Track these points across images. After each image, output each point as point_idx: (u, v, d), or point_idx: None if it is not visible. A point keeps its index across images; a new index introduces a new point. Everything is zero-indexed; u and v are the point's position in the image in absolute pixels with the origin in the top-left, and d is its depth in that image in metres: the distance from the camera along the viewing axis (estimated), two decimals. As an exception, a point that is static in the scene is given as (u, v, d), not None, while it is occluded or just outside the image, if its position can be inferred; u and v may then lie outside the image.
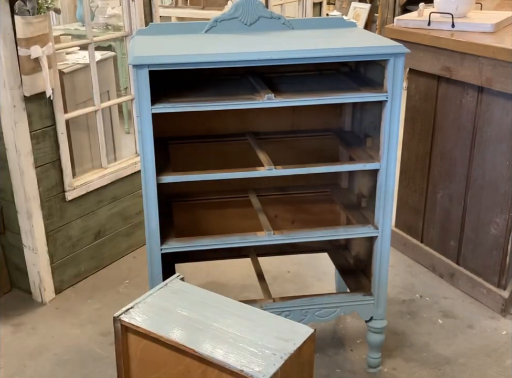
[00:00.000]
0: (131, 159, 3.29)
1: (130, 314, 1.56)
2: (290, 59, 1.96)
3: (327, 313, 2.31)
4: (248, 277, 3.06)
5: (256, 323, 1.53)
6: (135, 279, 3.11)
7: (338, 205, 2.59)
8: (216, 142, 2.51)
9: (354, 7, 7.51)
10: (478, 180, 2.81)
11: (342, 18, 2.45)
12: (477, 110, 2.75)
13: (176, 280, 1.73)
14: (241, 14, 2.22)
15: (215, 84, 2.24)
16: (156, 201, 2.04)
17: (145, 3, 3.11)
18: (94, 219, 3.09)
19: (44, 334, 2.71)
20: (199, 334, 1.48)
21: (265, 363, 1.38)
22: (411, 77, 3.08)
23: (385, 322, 2.38)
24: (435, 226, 3.11)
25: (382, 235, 2.23)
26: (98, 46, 3.95)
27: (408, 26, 2.96)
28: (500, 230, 2.74)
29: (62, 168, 2.84)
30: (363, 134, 2.41)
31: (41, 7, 2.48)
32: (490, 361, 2.53)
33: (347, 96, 2.08)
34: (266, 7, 2.94)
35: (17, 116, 2.58)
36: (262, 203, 2.47)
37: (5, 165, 2.71)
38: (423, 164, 3.10)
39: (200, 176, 2.13)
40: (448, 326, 2.75)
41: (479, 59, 2.62)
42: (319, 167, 2.18)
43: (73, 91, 3.38)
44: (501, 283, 2.82)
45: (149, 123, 1.94)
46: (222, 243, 2.17)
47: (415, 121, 3.09)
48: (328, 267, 3.03)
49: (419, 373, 2.47)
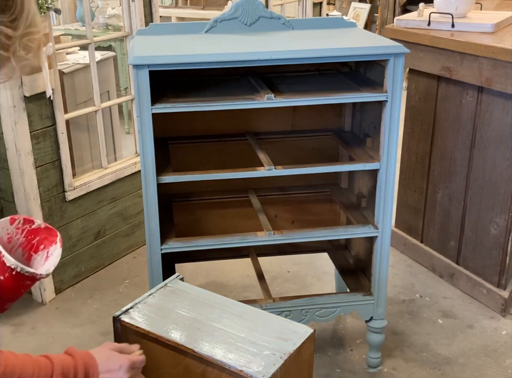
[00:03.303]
0: (131, 159, 3.29)
1: (130, 314, 1.56)
2: (290, 59, 1.96)
3: (327, 313, 2.31)
4: (248, 277, 3.06)
5: (256, 323, 1.53)
6: (135, 279, 3.11)
7: (338, 205, 2.59)
8: (216, 142, 2.51)
9: (354, 7, 7.51)
10: (478, 180, 2.81)
11: (342, 18, 2.45)
12: (477, 110, 2.75)
13: (176, 280, 1.73)
14: (241, 15, 2.22)
15: (215, 84, 2.24)
16: (156, 201, 2.04)
17: (145, 3, 3.11)
18: (94, 219, 3.10)
19: (44, 334, 2.71)
20: (198, 334, 1.48)
21: (264, 363, 1.38)
22: (410, 77, 3.08)
23: (385, 322, 2.38)
24: (435, 225, 3.11)
25: (382, 235, 2.23)
26: (98, 47, 3.96)
27: (408, 26, 2.96)
28: (500, 230, 2.74)
29: (62, 168, 2.85)
30: (363, 134, 2.41)
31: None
32: (490, 361, 2.53)
33: (347, 96, 2.08)
34: (266, 7, 2.94)
35: (17, 116, 2.58)
36: (262, 203, 2.47)
37: (5, 165, 2.71)
38: (422, 164, 3.10)
39: (200, 176, 2.13)
40: (448, 326, 2.75)
41: (479, 59, 2.62)
42: (319, 167, 2.18)
43: (73, 91, 3.38)
44: (501, 283, 2.82)
45: (149, 123, 1.94)
46: (222, 243, 2.17)
47: (415, 121, 3.10)
48: (328, 267, 3.03)
49: (419, 373, 2.47)
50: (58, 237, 1.43)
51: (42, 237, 1.44)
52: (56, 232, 1.44)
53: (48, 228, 1.44)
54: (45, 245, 1.43)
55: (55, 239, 1.43)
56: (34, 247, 1.44)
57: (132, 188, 3.27)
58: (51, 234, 1.44)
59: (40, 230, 1.44)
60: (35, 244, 1.44)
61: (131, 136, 3.87)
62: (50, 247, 1.43)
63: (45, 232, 1.44)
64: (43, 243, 1.43)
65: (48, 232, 1.44)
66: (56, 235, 1.43)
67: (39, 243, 1.44)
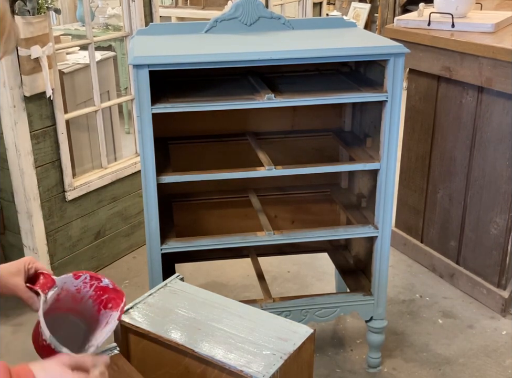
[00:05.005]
0: (131, 159, 3.29)
1: (130, 314, 1.56)
2: (290, 59, 1.96)
3: (327, 313, 2.31)
4: (248, 277, 3.06)
5: (256, 323, 1.53)
6: (135, 279, 3.11)
7: (338, 205, 2.59)
8: (216, 142, 2.51)
9: (354, 7, 7.51)
10: (478, 180, 2.81)
11: (342, 18, 2.45)
12: (477, 110, 2.75)
13: (176, 280, 1.73)
14: (241, 14, 2.22)
15: (215, 84, 2.24)
16: (156, 201, 2.04)
17: (145, 3, 3.11)
18: (94, 219, 3.09)
19: (44, 334, 2.70)
20: (198, 334, 1.48)
21: (264, 363, 1.38)
22: (411, 77, 3.08)
23: (385, 322, 2.38)
24: (435, 226, 3.11)
25: (382, 235, 2.23)
26: (98, 47, 3.95)
27: (408, 26, 2.96)
28: (500, 230, 2.74)
29: (62, 168, 2.84)
30: (363, 134, 2.41)
31: (41, 7, 2.48)
32: (490, 361, 2.53)
33: (347, 96, 2.08)
34: (266, 7, 2.94)
35: (17, 116, 2.58)
36: (262, 203, 2.47)
37: (5, 165, 2.71)
38: (422, 164, 3.10)
39: (200, 176, 2.13)
40: (448, 326, 2.75)
41: (479, 59, 2.62)
42: (319, 167, 2.18)
43: (73, 91, 3.38)
44: (501, 283, 2.82)
45: (149, 123, 1.94)
46: (222, 243, 2.17)
47: (415, 121, 3.09)
48: (328, 267, 3.03)
49: (419, 373, 2.47)
50: (123, 303, 1.33)
51: (111, 296, 1.35)
52: (123, 295, 1.34)
53: (116, 289, 1.35)
54: (113, 306, 1.34)
55: (121, 303, 1.33)
56: (104, 303, 1.34)
57: (132, 188, 3.27)
58: (118, 297, 1.35)
59: (108, 289, 1.36)
60: (104, 301, 1.34)
61: (131, 136, 3.87)
62: (115, 310, 1.33)
63: (113, 293, 1.35)
64: (111, 303, 1.34)
65: (115, 294, 1.35)
66: (122, 300, 1.34)
67: (108, 301, 1.35)
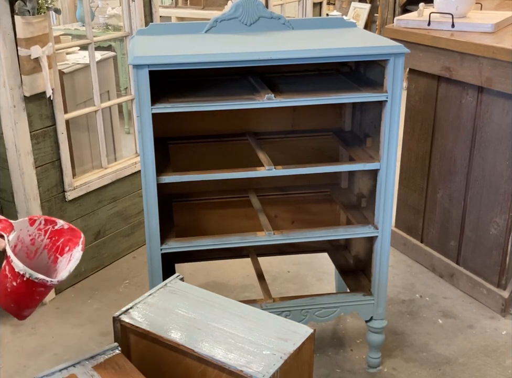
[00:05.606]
0: (131, 159, 3.29)
1: (130, 314, 1.56)
2: (290, 59, 1.96)
3: (327, 313, 2.31)
4: (248, 277, 3.06)
5: (256, 323, 1.53)
6: (135, 279, 3.11)
7: (338, 205, 2.59)
8: (216, 142, 2.51)
9: (354, 7, 7.51)
10: (478, 180, 2.81)
11: (342, 18, 2.45)
12: (477, 110, 2.75)
13: (176, 280, 1.73)
14: (241, 14, 2.22)
15: (215, 84, 2.24)
16: (156, 201, 2.04)
17: (145, 3, 3.11)
18: (94, 219, 3.10)
19: (44, 334, 2.71)
20: (198, 334, 1.48)
21: (264, 363, 1.38)
22: (410, 77, 3.08)
23: (385, 322, 2.38)
24: (435, 225, 3.11)
25: (382, 235, 2.23)
26: (98, 47, 3.96)
27: (408, 26, 2.96)
28: (500, 230, 2.74)
29: (62, 168, 2.85)
30: (363, 134, 2.41)
31: (41, 7, 2.48)
32: (490, 361, 2.53)
33: (347, 96, 2.08)
34: (266, 7, 2.94)
35: (17, 116, 2.58)
36: (262, 203, 2.47)
37: (5, 165, 2.71)
38: (422, 164, 3.10)
39: (200, 176, 2.13)
40: (448, 326, 2.75)
41: (479, 59, 2.62)
42: (319, 167, 2.18)
43: (73, 91, 3.38)
44: (501, 283, 2.82)
45: (149, 123, 1.94)
46: (222, 243, 2.17)
47: (415, 121, 3.10)
48: (328, 267, 3.03)
49: (419, 373, 2.47)
50: (81, 239, 1.36)
51: (67, 238, 1.37)
52: (80, 233, 1.37)
53: (72, 228, 1.37)
54: (70, 248, 1.36)
55: (79, 241, 1.35)
56: (59, 249, 1.36)
57: (132, 188, 3.27)
58: (75, 236, 1.37)
59: (63, 231, 1.37)
60: (60, 246, 1.36)
61: (131, 136, 3.87)
62: (73, 249, 1.35)
63: (69, 233, 1.37)
64: (68, 245, 1.36)
65: (72, 233, 1.37)
66: (80, 237, 1.36)
67: (64, 245, 1.36)
